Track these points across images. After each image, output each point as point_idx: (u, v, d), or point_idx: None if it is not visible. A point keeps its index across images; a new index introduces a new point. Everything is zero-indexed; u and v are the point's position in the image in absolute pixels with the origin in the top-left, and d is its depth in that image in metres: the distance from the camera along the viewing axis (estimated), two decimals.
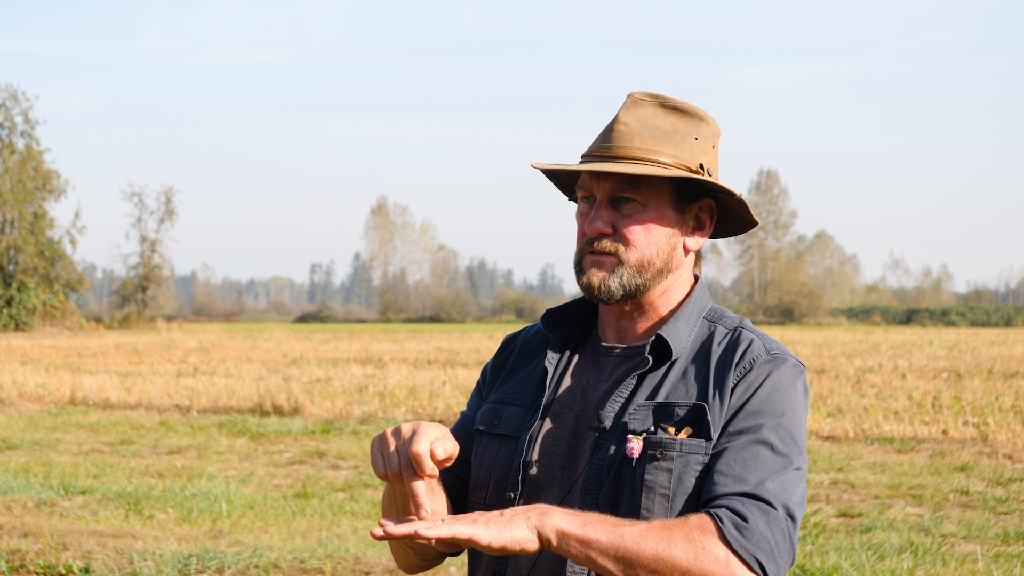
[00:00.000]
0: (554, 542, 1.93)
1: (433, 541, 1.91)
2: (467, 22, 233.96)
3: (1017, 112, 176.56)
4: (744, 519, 1.96)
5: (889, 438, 13.34)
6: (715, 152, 2.22)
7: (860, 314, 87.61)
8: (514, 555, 2.13)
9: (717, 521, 1.96)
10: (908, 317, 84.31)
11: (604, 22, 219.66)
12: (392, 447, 1.96)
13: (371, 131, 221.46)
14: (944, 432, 13.55)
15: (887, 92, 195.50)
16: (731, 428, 2.07)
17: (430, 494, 2.09)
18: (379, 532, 1.88)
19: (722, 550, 1.93)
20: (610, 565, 1.93)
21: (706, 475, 2.05)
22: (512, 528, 1.91)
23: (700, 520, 1.96)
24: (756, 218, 2.27)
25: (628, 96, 2.21)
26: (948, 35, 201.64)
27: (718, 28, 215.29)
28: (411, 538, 1.90)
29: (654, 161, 2.14)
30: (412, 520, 1.91)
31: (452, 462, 1.98)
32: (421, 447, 1.92)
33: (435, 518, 1.92)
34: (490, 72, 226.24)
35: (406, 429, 1.96)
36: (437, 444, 1.93)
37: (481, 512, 1.95)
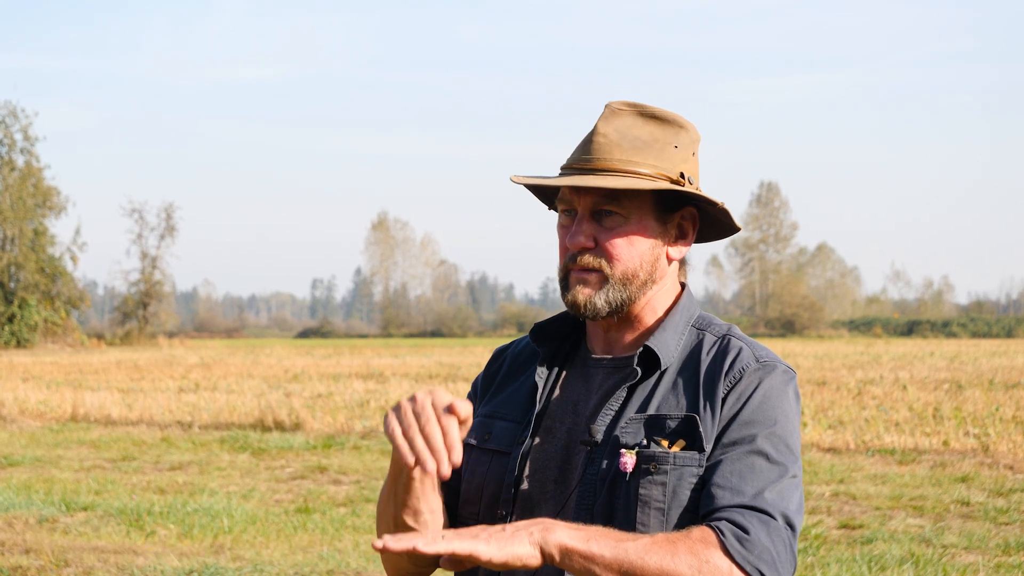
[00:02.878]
0: (557, 558, 1.93)
1: (440, 559, 1.90)
2: (468, 36, 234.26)
3: (1016, 122, 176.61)
4: (745, 531, 1.97)
5: (890, 449, 13.34)
6: (695, 159, 2.21)
7: (861, 326, 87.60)
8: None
9: (719, 534, 1.96)
10: (909, 329, 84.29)
11: (605, 35, 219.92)
12: (418, 406, 1.93)
13: (372, 145, 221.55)
14: (945, 443, 13.55)
15: (887, 103, 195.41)
16: (725, 439, 2.07)
17: (432, 491, 2.09)
18: (379, 544, 1.87)
19: (725, 562, 1.94)
20: None
21: (701, 487, 2.05)
22: (514, 544, 1.90)
23: (702, 533, 1.97)
24: (738, 224, 2.26)
25: (606, 106, 2.19)
26: (946, 46, 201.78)
27: (717, 40, 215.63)
28: (410, 553, 1.88)
29: (634, 173, 2.13)
30: (411, 535, 1.89)
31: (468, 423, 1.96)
32: (446, 399, 1.92)
33: (435, 533, 1.90)
34: (491, 86, 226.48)
35: (420, 396, 1.94)
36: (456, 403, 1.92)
37: (483, 527, 1.94)
